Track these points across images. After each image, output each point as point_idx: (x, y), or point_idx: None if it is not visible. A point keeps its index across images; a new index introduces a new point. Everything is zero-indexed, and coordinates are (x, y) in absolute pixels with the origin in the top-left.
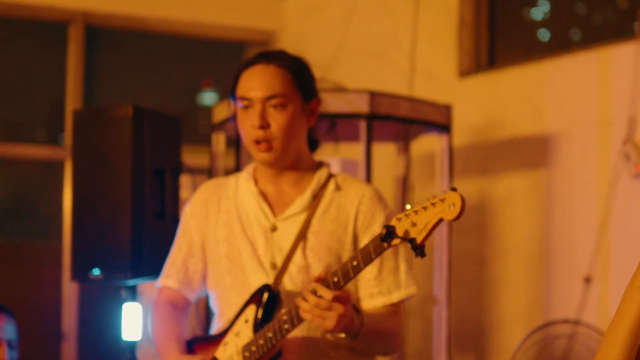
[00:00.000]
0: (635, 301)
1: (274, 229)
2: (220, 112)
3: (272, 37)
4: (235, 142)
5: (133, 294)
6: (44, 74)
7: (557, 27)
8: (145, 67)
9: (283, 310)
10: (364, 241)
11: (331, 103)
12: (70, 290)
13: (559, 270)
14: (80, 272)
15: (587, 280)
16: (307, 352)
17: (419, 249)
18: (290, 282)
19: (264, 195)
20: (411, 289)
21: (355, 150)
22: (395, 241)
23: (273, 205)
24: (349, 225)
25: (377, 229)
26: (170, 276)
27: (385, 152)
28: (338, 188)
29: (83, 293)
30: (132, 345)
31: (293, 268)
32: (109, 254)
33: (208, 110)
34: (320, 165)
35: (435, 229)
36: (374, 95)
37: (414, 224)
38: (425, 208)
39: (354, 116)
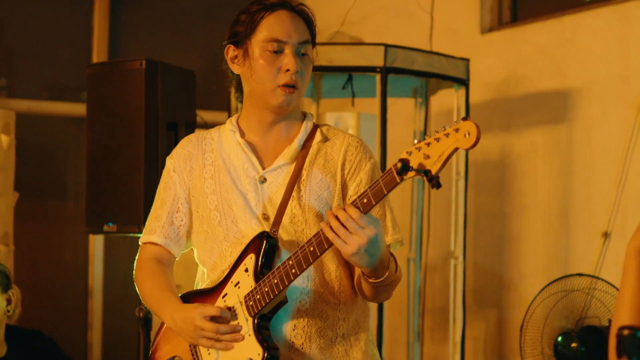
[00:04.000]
0: (633, 265)
1: (263, 180)
2: None
3: None
4: None
5: None
6: (69, 32)
7: None
8: (169, 23)
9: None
10: (351, 188)
11: (346, 57)
12: (96, 246)
13: (577, 226)
14: (95, 225)
15: (606, 235)
16: (308, 299)
17: (434, 180)
18: (283, 232)
19: (251, 147)
20: (398, 235)
21: (373, 105)
22: (410, 174)
23: (261, 156)
24: (337, 174)
25: (363, 176)
26: (155, 232)
27: (404, 107)
28: (325, 138)
29: (108, 248)
30: None
31: (285, 218)
32: (122, 207)
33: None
34: (305, 116)
35: (449, 159)
36: (389, 49)
37: (427, 157)
38: (437, 140)
39: (369, 69)
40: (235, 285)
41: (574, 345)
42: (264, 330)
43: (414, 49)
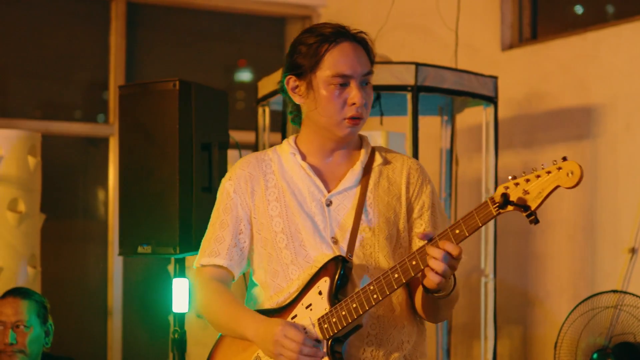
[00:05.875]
0: None
1: (329, 203)
2: (265, 87)
3: (314, 12)
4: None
5: (182, 267)
6: (85, 52)
7: None
8: (186, 43)
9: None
10: (415, 211)
11: (377, 76)
12: (115, 266)
13: (603, 242)
14: (128, 247)
15: (633, 251)
16: (378, 323)
17: (533, 217)
18: (354, 255)
19: (314, 170)
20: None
21: (399, 123)
22: (509, 208)
23: (325, 179)
24: (402, 197)
25: (425, 199)
26: (219, 254)
27: (429, 125)
28: (385, 161)
29: (128, 269)
30: (182, 318)
31: (356, 241)
32: (157, 228)
33: (245, 87)
34: (362, 139)
35: (548, 197)
36: (419, 67)
37: (526, 192)
38: (538, 177)
39: (399, 88)
40: (306, 308)
41: None
42: (337, 354)
43: (444, 67)
